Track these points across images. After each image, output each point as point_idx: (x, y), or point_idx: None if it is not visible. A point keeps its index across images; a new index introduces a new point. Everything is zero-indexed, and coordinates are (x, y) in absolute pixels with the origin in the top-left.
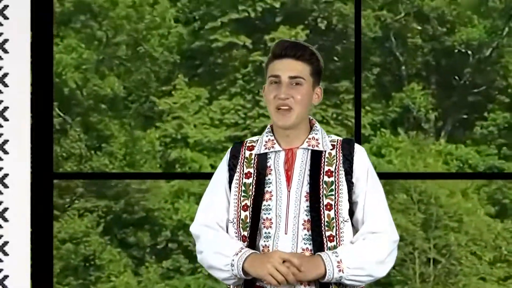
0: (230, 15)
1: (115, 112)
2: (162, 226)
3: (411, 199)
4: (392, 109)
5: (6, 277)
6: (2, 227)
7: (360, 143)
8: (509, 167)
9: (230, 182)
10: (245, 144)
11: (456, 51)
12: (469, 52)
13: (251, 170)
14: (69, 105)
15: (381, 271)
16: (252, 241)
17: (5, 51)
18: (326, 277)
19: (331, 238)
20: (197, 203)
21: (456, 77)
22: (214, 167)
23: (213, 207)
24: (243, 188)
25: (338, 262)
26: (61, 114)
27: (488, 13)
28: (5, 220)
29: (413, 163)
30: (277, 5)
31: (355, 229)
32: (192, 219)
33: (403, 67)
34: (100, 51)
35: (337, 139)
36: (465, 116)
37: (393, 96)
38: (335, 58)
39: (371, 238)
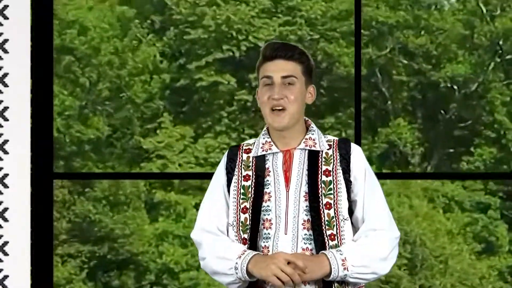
0: (214, 54)
1: (98, 156)
2: (146, 270)
3: None
4: (378, 145)
5: (6, 277)
6: (2, 227)
7: None
8: (495, 202)
9: (228, 186)
10: (242, 147)
11: (441, 85)
12: (455, 87)
13: (249, 173)
14: None
15: (384, 268)
16: (253, 243)
17: (5, 51)
18: (331, 276)
19: (332, 236)
20: (182, 246)
21: (442, 112)
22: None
23: (213, 212)
24: (242, 190)
25: (343, 260)
26: None
27: (474, 48)
28: (5, 220)
29: (398, 203)
30: (261, 44)
31: (355, 228)
32: (176, 263)
33: (389, 102)
34: (82, 98)
35: (333, 139)
36: (451, 150)
37: (379, 132)
38: (322, 92)
39: (373, 236)
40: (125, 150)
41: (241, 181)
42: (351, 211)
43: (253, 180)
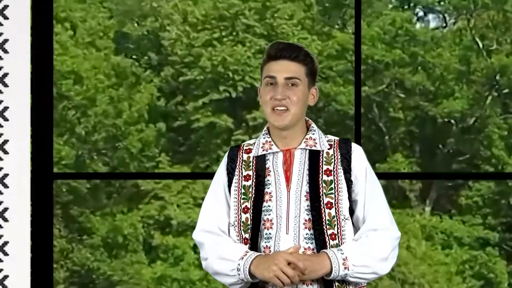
0: (211, 95)
1: (96, 202)
2: None
3: (395, 281)
4: None
5: (6, 277)
6: (2, 227)
7: None
8: (494, 237)
9: (229, 186)
10: (242, 147)
11: (439, 120)
12: (452, 121)
13: (250, 173)
14: None
15: (385, 268)
16: (254, 243)
17: (5, 51)
18: (332, 275)
19: (333, 236)
20: None
21: (440, 146)
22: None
23: (214, 212)
24: (242, 190)
25: (343, 259)
26: None
27: (471, 83)
28: (5, 220)
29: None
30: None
31: (355, 228)
32: None
33: (387, 137)
34: (79, 147)
35: (334, 139)
36: (450, 184)
37: (377, 167)
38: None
39: (374, 236)
40: (123, 192)
41: (241, 181)
42: (351, 211)
43: (254, 180)
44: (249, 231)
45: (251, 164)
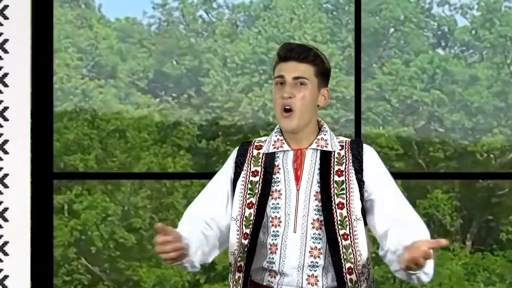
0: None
1: (142, 253)
2: None
3: None
4: None
5: (6, 277)
6: (2, 227)
7: None
8: None
9: (235, 180)
10: (253, 143)
11: (478, 156)
12: (491, 155)
13: (258, 169)
14: (97, 259)
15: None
16: (253, 238)
17: (5, 51)
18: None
19: (345, 236)
20: None
21: (480, 180)
22: None
23: (204, 202)
24: (249, 186)
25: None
26: (89, 266)
27: (509, 118)
28: (5, 220)
29: (439, 283)
30: None
31: (372, 226)
32: None
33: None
34: (125, 202)
35: (345, 140)
36: (490, 217)
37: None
38: None
39: (425, 234)
40: None
41: (249, 176)
42: (364, 211)
43: (261, 177)
44: (250, 226)
45: (260, 160)
